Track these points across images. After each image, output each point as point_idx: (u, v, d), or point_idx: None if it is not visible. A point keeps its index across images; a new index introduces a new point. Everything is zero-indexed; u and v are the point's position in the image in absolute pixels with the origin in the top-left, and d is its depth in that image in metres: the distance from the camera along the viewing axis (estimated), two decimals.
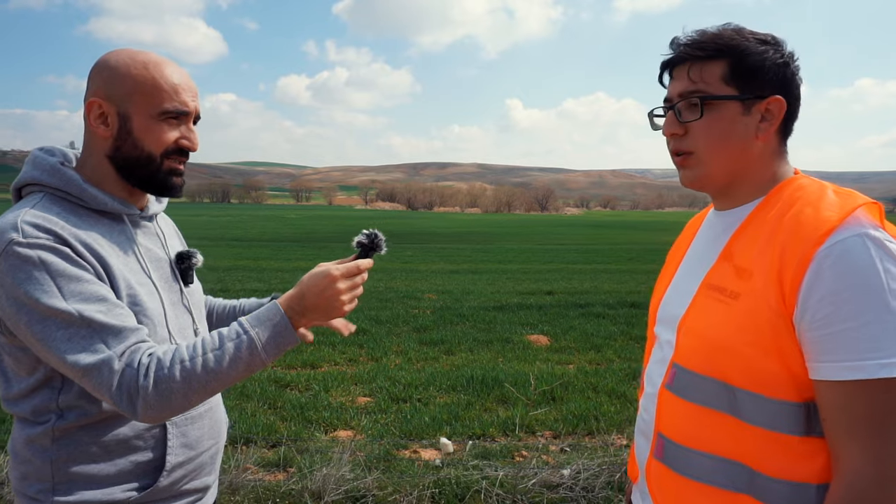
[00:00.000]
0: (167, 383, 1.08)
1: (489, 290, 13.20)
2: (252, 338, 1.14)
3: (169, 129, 1.25)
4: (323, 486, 2.94)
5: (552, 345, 7.46)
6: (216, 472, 1.43)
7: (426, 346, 7.23)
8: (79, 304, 1.09)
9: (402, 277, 15.60)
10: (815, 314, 0.93)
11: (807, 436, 0.97)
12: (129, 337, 1.11)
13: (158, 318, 1.25)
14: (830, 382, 0.93)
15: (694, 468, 1.06)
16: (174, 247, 1.43)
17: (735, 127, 1.07)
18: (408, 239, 44.67)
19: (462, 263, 22.89)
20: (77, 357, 1.07)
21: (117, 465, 1.20)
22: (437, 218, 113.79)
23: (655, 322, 1.24)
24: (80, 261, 1.13)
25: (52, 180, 1.21)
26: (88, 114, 1.24)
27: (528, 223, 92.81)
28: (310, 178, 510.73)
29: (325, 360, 6.51)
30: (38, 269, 1.09)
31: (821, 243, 0.94)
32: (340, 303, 1.20)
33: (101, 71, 1.24)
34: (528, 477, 3.12)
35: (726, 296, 1.04)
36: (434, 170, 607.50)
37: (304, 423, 4.45)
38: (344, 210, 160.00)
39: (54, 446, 1.18)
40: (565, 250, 32.67)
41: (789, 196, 1.05)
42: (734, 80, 1.06)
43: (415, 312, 9.59)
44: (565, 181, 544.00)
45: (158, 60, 1.25)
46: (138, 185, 1.28)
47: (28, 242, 1.10)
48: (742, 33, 1.08)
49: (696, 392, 1.06)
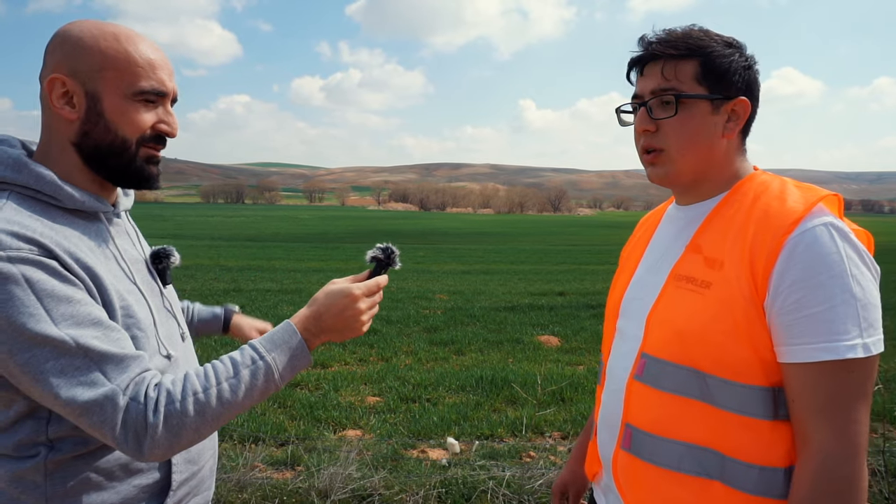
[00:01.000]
0: (179, 418, 0.96)
1: (501, 290, 13.19)
2: (269, 363, 1.04)
3: (145, 111, 1.08)
4: (330, 485, 2.95)
5: (563, 345, 7.43)
6: (213, 486, 1.32)
7: (436, 347, 7.23)
8: (72, 329, 0.94)
9: (413, 278, 15.63)
10: (787, 299, 0.97)
11: (775, 420, 1.01)
12: (131, 366, 0.98)
13: (149, 327, 1.12)
14: (801, 364, 0.97)
15: (664, 456, 1.08)
16: (145, 245, 1.30)
17: (705, 126, 1.10)
18: (420, 240, 44.74)
19: (474, 264, 22.89)
20: (73, 392, 0.92)
21: (120, 492, 1.07)
22: (449, 219, 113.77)
23: (618, 316, 1.26)
24: (70, 276, 0.97)
25: (18, 177, 1.03)
26: (50, 93, 1.06)
27: (540, 224, 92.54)
28: (323, 179, 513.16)
29: (336, 359, 6.54)
30: (21, 288, 0.92)
31: (790, 232, 0.99)
32: (360, 323, 1.14)
33: (62, 43, 1.06)
34: (536, 477, 3.11)
35: (698, 285, 1.06)
36: (447, 170, 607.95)
37: (314, 422, 4.47)
38: (357, 210, 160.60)
39: (48, 482, 1.02)
40: (578, 251, 32.56)
41: (754, 190, 1.10)
42: (705, 79, 1.09)
43: (426, 313, 9.60)
44: (578, 182, 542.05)
45: (130, 33, 1.08)
46: (109, 176, 1.11)
47: (8, 256, 0.93)
48: (709, 35, 1.11)
49: (667, 381, 1.08)
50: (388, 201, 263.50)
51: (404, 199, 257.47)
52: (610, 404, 1.22)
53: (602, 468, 1.25)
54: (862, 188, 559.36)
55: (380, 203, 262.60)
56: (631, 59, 1.15)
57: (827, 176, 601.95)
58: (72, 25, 1.08)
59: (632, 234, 1.41)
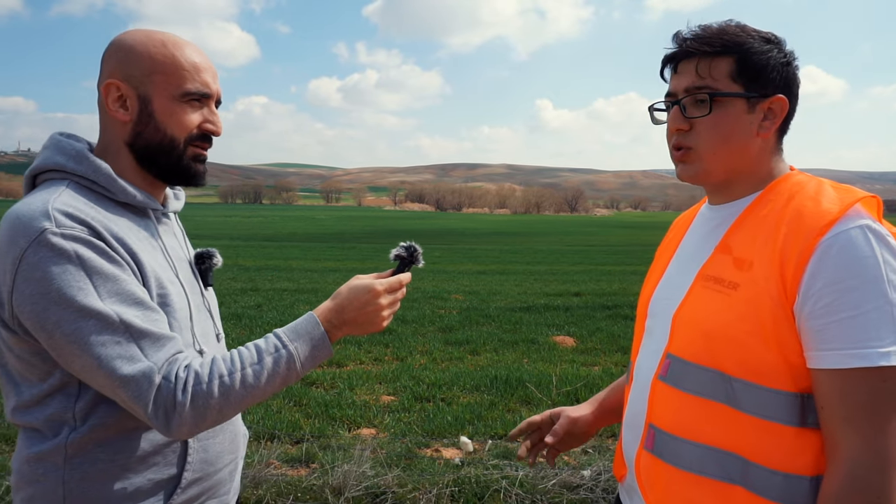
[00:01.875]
0: (205, 399, 1.01)
1: (516, 290, 13.16)
2: (291, 352, 1.09)
3: (192, 111, 1.16)
4: (343, 482, 2.97)
5: (578, 346, 7.40)
6: (235, 489, 1.32)
7: (451, 346, 7.24)
8: (116, 305, 1.00)
9: (429, 278, 15.65)
10: (817, 303, 0.94)
11: (802, 427, 0.98)
12: (166, 346, 1.03)
13: (185, 320, 1.16)
14: (831, 371, 0.94)
15: (686, 459, 1.06)
16: (189, 246, 1.37)
17: (739, 125, 1.07)
18: (436, 239, 44.76)
19: (490, 264, 22.85)
20: (114, 365, 0.98)
21: (133, 483, 1.10)
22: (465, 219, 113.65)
23: (647, 315, 1.24)
24: (116, 256, 1.04)
25: (78, 167, 1.11)
26: (106, 98, 1.14)
27: (557, 224, 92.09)
28: (340, 180, 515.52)
29: (351, 358, 6.57)
30: (73, 263, 0.99)
31: (823, 234, 0.96)
32: (381, 318, 1.17)
33: (116, 51, 1.14)
34: (549, 477, 3.11)
35: (725, 286, 1.04)
36: (463, 171, 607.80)
37: (329, 420, 4.51)
38: (373, 211, 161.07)
39: (67, 465, 1.06)
40: (595, 251, 32.38)
41: (788, 190, 1.06)
42: (741, 77, 1.06)
43: (441, 312, 9.61)
44: (595, 182, 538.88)
45: (177, 39, 1.16)
46: (160, 174, 1.19)
47: (63, 233, 1.00)
48: (746, 30, 1.08)
49: (691, 382, 1.06)
50: (405, 202, 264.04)
51: (421, 199, 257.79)
52: (635, 404, 1.20)
53: (627, 469, 1.23)
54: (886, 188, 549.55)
55: (396, 203, 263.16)
56: (665, 55, 1.13)
57: (850, 176, 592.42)
58: (125, 35, 1.17)
59: (666, 234, 1.38)
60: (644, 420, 1.16)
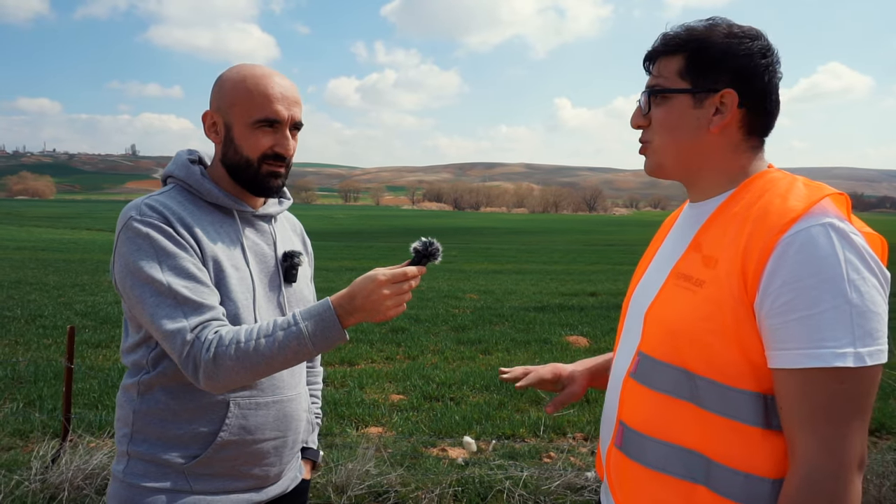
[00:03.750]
0: (223, 359, 1.21)
1: (531, 290, 13.12)
2: (301, 329, 1.23)
3: (263, 136, 1.37)
4: (347, 481, 2.98)
5: (591, 346, 7.35)
6: (284, 465, 1.47)
7: (463, 346, 7.24)
8: (171, 277, 1.25)
9: (444, 277, 15.65)
10: (775, 301, 0.93)
11: (766, 428, 0.97)
12: (204, 313, 1.25)
13: (246, 305, 1.36)
14: (788, 371, 0.93)
15: (651, 457, 1.06)
16: (288, 248, 1.53)
17: (685, 119, 1.10)
18: (453, 238, 44.72)
19: (506, 264, 22.80)
20: (161, 321, 1.23)
21: (182, 429, 1.33)
22: (482, 218, 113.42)
23: (626, 314, 1.25)
24: (180, 240, 1.29)
25: (180, 173, 1.40)
26: (204, 124, 1.42)
27: (575, 223, 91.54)
28: (358, 179, 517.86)
29: (363, 357, 6.60)
30: (145, 241, 1.27)
31: (784, 231, 0.95)
32: (385, 307, 1.24)
33: (215, 85, 1.41)
34: (553, 478, 3.08)
35: (692, 283, 1.04)
36: (481, 170, 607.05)
37: (337, 418, 4.52)
38: (391, 210, 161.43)
39: (139, 399, 1.35)
40: (613, 251, 32.14)
41: (759, 188, 1.06)
42: (689, 74, 1.09)
43: (455, 312, 9.61)
44: (614, 181, 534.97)
45: (259, 74, 1.37)
46: (243, 185, 1.42)
47: (142, 220, 1.29)
48: (713, 27, 1.09)
49: (658, 380, 1.06)
50: (423, 201, 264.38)
51: (438, 198, 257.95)
52: (609, 401, 1.22)
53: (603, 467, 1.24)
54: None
55: (414, 203, 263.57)
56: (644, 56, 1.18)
57: (877, 174, 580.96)
58: (226, 70, 1.41)
59: (658, 230, 1.40)
60: (615, 417, 1.16)
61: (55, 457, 3.30)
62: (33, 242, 27.74)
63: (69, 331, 3.58)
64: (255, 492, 1.42)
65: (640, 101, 1.16)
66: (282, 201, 1.56)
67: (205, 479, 1.34)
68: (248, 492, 1.40)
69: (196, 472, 1.33)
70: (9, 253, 20.47)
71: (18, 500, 3.00)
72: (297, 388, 1.49)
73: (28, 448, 3.77)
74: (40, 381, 5.18)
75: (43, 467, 3.20)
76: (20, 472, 3.22)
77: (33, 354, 6.24)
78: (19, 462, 3.44)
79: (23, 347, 6.56)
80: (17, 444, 3.89)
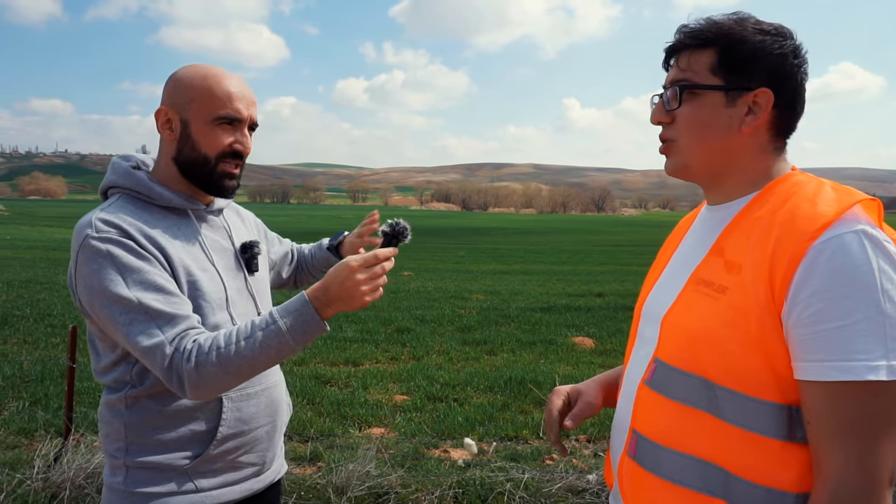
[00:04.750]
0: (205, 367, 1.20)
1: (538, 291, 13.08)
2: (280, 327, 1.23)
3: (223, 133, 1.36)
4: (347, 482, 2.97)
5: (597, 347, 7.32)
6: (275, 450, 1.52)
7: (468, 347, 7.22)
8: (139, 292, 1.23)
9: (451, 277, 15.64)
10: (804, 311, 0.89)
11: (788, 441, 0.93)
12: (179, 324, 1.24)
13: (219, 301, 1.37)
14: (817, 383, 0.89)
15: (667, 468, 1.02)
16: (243, 237, 1.54)
17: (716, 118, 1.04)
18: (461, 239, 44.70)
19: (514, 264, 22.76)
20: (137, 339, 1.21)
21: (178, 432, 1.34)
22: (490, 218, 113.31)
23: (640, 319, 1.21)
24: (143, 252, 1.27)
25: (125, 182, 1.37)
26: (157, 121, 1.40)
27: (583, 223, 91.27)
28: (367, 180, 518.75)
29: (368, 357, 6.60)
30: (106, 259, 1.24)
31: (815, 238, 0.91)
32: (360, 293, 1.23)
33: (169, 82, 1.40)
34: (555, 481, 3.06)
35: (714, 290, 1.00)
36: (489, 170, 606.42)
37: (340, 419, 4.52)
38: (399, 210, 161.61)
39: (128, 412, 1.34)
40: (621, 251, 32.02)
41: (785, 191, 1.01)
42: (721, 70, 1.03)
43: (461, 312, 9.59)
44: (623, 181, 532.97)
45: (217, 72, 1.37)
46: (197, 184, 1.40)
47: (100, 237, 1.25)
48: (742, 22, 1.04)
49: (675, 388, 1.02)
50: (431, 201, 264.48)
51: (447, 198, 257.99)
52: (622, 409, 1.17)
53: (613, 475, 1.21)
54: None
55: (422, 203, 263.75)
56: (664, 48, 1.12)
57: (888, 174, 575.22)
58: (180, 69, 1.40)
59: (671, 233, 1.35)
60: (628, 425, 1.13)
61: (57, 456, 3.32)
62: (45, 242, 27.98)
63: (71, 330, 3.59)
64: (255, 478, 1.45)
65: (662, 96, 1.10)
66: None
67: (208, 475, 1.37)
68: (249, 480, 1.44)
69: (199, 471, 1.35)
70: (20, 252, 20.65)
71: (20, 498, 3.01)
72: (277, 374, 1.53)
73: (32, 447, 3.78)
74: (46, 380, 5.20)
75: (45, 466, 3.21)
76: (23, 470, 3.24)
77: (41, 353, 6.28)
78: (23, 460, 3.46)
79: (31, 346, 6.60)
80: (22, 443, 3.91)
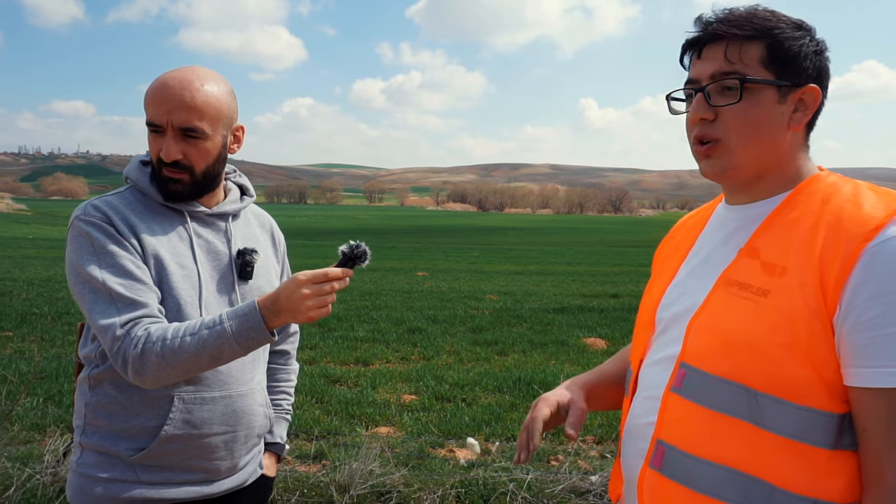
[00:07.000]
0: (149, 355, 1.24)
1: (552, 291, 13.02)
2: (224, 328, 1.26)
3: (153, 140, 1.38)
4: (350, 480, 2.98)
5: (609, 348, 7.26)
6: (237, 459, 1.47)
7: (479, 347, 7.21)
8: (107, 275, 1.29)
9: (466, 278, 15.63)
10: (862, 315, 0.86)
11: (835, 449, 0.89)
12: (137, 310, 1.28)
13: (190, 302, 1.37)
14: (875, 390, 0.86)
15: (702, 480, 0.97)
16: (250, 244, 1.53)
17: (770, 115, 0.99)
18: (476, 239, 44.70)
19: (528, 264, 22.69)
20: (95, 317, 1.28)
21: (128, 422, 1.36)
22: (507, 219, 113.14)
23: (654, 322, 1.15)
24: (121, 239, 1.32)
25: (132, 175, 1.44)
26: None
27: (600, 223, 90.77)
28: (383, 180, 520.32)
29: (378, 357, 6.62)
30: (86, 240, 1.32)
31: (868, 240, 0.88)
32: (305, 307, 1.24)
33: None
34: (558, 482, 3.05)
35: (753, 293, 0.96)
36: (506, 171, 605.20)
37: (347, 418, 4.53)
38: (415, 210, 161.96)
39: (90, 392, 1.39)
40: (637, 252, 31.76)
41: (822, 192, 0.98)
42: (773, 64, 0.99)
43: (473, 313, 9.58)
44: (641, 182, 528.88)
45: (163, 77, 1.36)
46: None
47: (85, 219, 1.34)
48: (776, 15, 1.01)
49: (711, 396, 0.97)
50: (447, 202, 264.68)
51: (463, 199, 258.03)
52: (638, 417, 1.11)
53: (624, 487, 1.15)
54: None
55: (438, 203, 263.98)
56: (687, 40, 1.04)
57: None
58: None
59: (666, 237, 1.30)
60: (651, 435, 1.06)
61: (66, 451, 3.36)
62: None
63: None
64: (206, 484, 1.42)
65: (701, 92, 1.02)
66: (243, 198, 1.57)
67: (152, 470, 1.37)
68: (199, 484, 1.41)
69: (143, 464, 1.36)
70: (42, 252, 21.02)
71: (30, 492, 3.06)
72: (248, 383, 1.47)
73: (44, 442, 3.84)
74: (61, 377, 5.29)
75: (55, 461, 3.26)
76: (33, 464, 3.29)
77: (56, 350, 6.38)
78: (34, 455, 3.51)
79: (48, 344, 6.71)
80: (35, 438, 3.98)
